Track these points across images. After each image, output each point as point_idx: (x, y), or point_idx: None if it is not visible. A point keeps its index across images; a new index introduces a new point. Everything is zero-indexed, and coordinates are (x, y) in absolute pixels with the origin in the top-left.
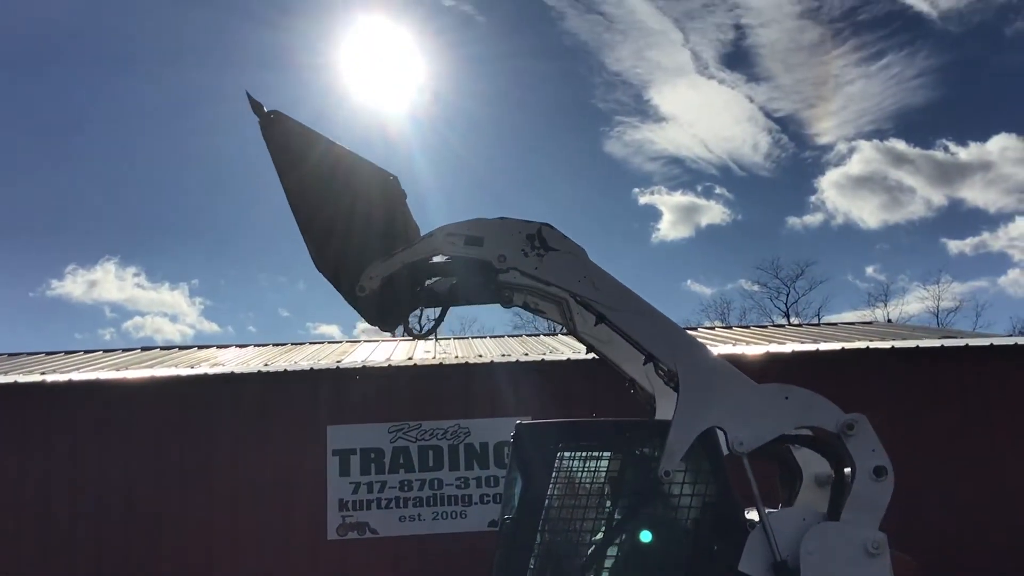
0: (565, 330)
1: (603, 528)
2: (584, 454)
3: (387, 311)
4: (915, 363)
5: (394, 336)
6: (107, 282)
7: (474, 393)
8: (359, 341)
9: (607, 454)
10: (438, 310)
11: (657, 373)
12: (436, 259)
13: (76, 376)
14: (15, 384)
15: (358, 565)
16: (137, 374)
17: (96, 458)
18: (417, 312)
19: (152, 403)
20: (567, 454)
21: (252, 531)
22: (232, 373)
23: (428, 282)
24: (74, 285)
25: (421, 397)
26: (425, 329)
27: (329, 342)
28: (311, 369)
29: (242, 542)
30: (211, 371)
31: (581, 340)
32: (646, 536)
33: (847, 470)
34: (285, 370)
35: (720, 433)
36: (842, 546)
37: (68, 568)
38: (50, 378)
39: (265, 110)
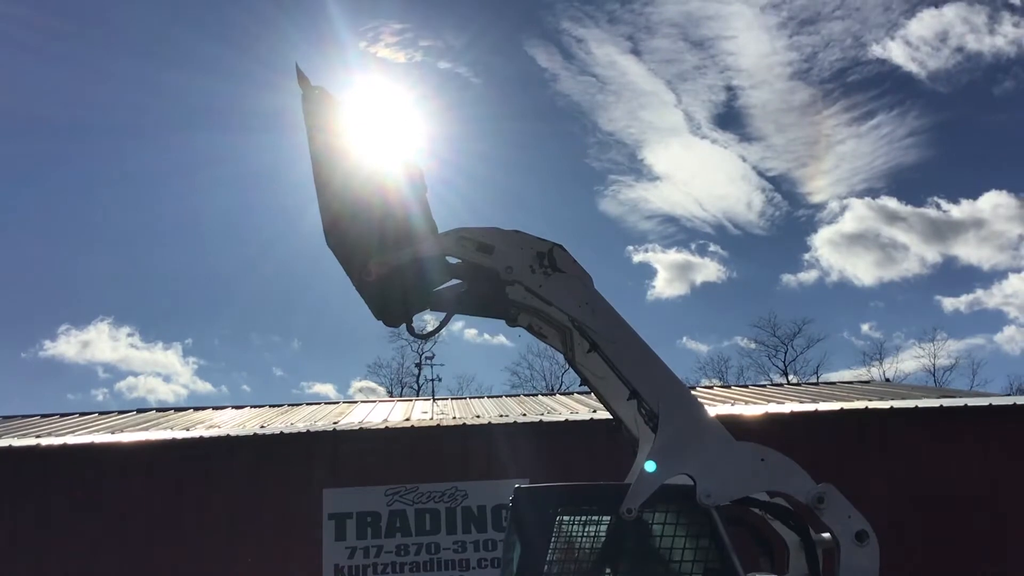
0: (566, 362)
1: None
2: (583, 518)
3: (393, 306)
4: (915, 423)
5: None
6: (100, 342)
7: (472, 455)
8: (356, 402)
9: (607, 518)
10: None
11: (640, 411)
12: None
13: (72, 440)
14: (10, 448)
15: None
16: (133, 437)
17: (90, 522)
18: (419, 317)
19: (147, 466)
20: (566, 518)
21: None
22: (228, 436)
23: (437, 288)
24: (67, 346)
25: (418, 459)
26: (427, 331)
27: (325, 403)
28: (307, 431)
29: None
30: (207, 434)
31: (577, 371)
32: None
33: (824, 534)
34: (281, 432)
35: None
36: None
37: None
38: (45, 441)
39: (312, 85)
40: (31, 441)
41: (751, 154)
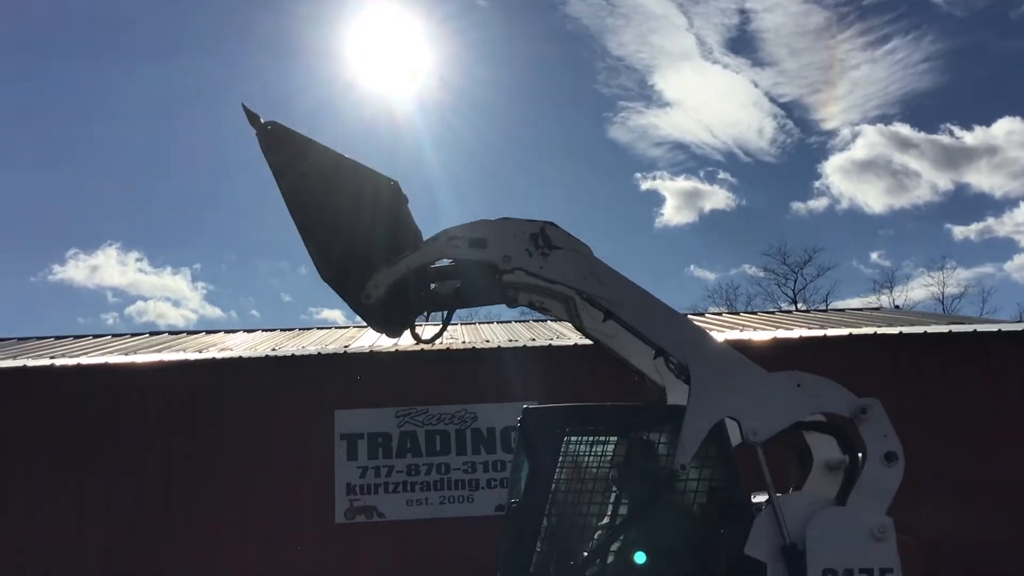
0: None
1: (609, 513)
2: (591, 439)
3: (393, 317)
4: (923, 349)
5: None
6: (109, 267)
7: (481, 378)
8: (366, 326)
9: (614, 439)
10: (442, 314)
11: (668, 367)
12: (441, 262)
13: (85, 360)
14: (24, 368)
15: (366, 548)
16: (146, 358)
17: (106, 442)
18: (422, 317)
19: (161, 387)
20: (574, 439)
21: (260, 514)
22: (240, 358)
23: (432, 286)
24: (76, 270)
25: (428, 382)
26: (432, 334)
27: (336, 327)
28: (319, 354)
29: (250, 525)
30: (220, 355)
31: (588, 336)
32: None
33: (860, 455)
34: (293, 355)
35: (733, 423)
36: (848, 530)
37: (76, 549)
38: (59, 362)
39: (262, 121)
40: (45, 362)
41: (763, 80)
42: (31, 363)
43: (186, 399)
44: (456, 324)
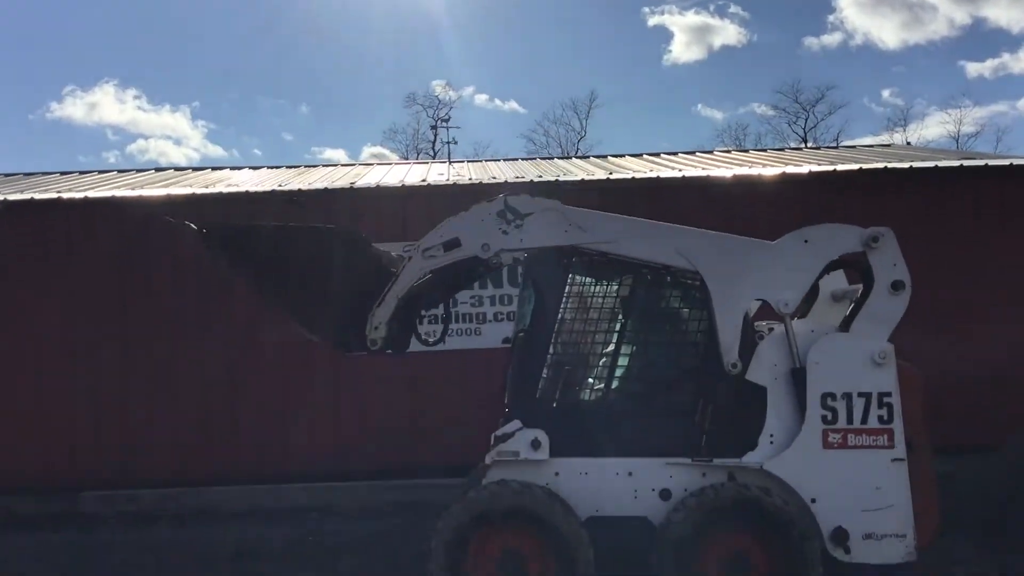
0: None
1: (614, 341)
2: (595, 276)
3: (398, 338)
4: (935, 184)
5: (405, 178)
6: (107, 104)
7: None
8: (371, 164)
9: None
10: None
11: (682, 281)
12: None
13: (92, 194)
14: (31, 201)
15: (375, 380)
16: (154, 192)
17: (116, 276)
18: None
19: (170, 222)
20: (579, 275)
21: (272, 350)
22: (248, 192)
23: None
24: (74, 107)
25: (435, 218)
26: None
27: (342, 164)
28: (325, 189)
29: (262, 361)
30: (227, 190)
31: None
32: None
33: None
34: (300, 189)
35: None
36: (849, 355)
37: (92, 388)
38: (66, 195)
39: (196, 227)
40: (52, 195)
41: None
42: (38, 196)
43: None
44: (463, 161)
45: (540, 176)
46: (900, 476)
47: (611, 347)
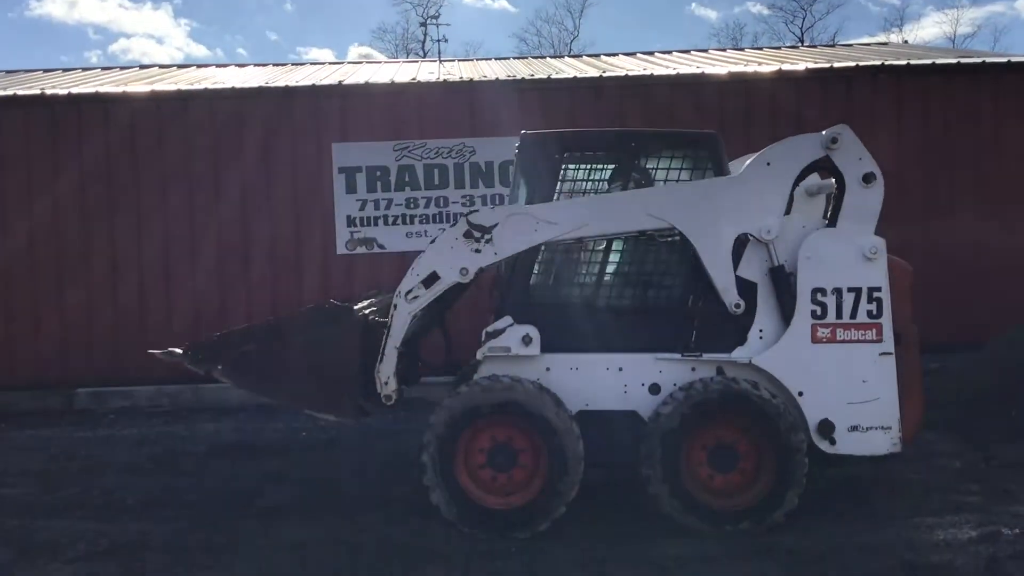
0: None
1: (605, 241)
2: (588, 165)
3: (407, 372)
4: (930, 80)
5: (395, 76)
6: (87, 2)
7: (479, 112)
8: (360, 62)
9: (612, 166)
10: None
11: (664, 239)
12: None
13: (76, 90)
14: (14, 97)
15: (366, 278)
16: (141, 88)
17: (103, 173)
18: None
19: (157, 119)
20: (571, 165)
21: (263, 245)
22: (234, 88)
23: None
24: (54, 5)
25: (425, 116)
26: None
27: (330, 63)
28: (313, 86)
29: (254, 253)
30: (213, 86)
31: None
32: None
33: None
34: (287, 86)
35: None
36: (839, 250)
37: (85, 282)
38: (49, 91)
39: (177, 352)
40: (36, 91)
41: None
42: (21, 92)
43: (181, 130)
44: (453, 60)
45: (532, 74)
46: (887, 370)
47: (603, 243)
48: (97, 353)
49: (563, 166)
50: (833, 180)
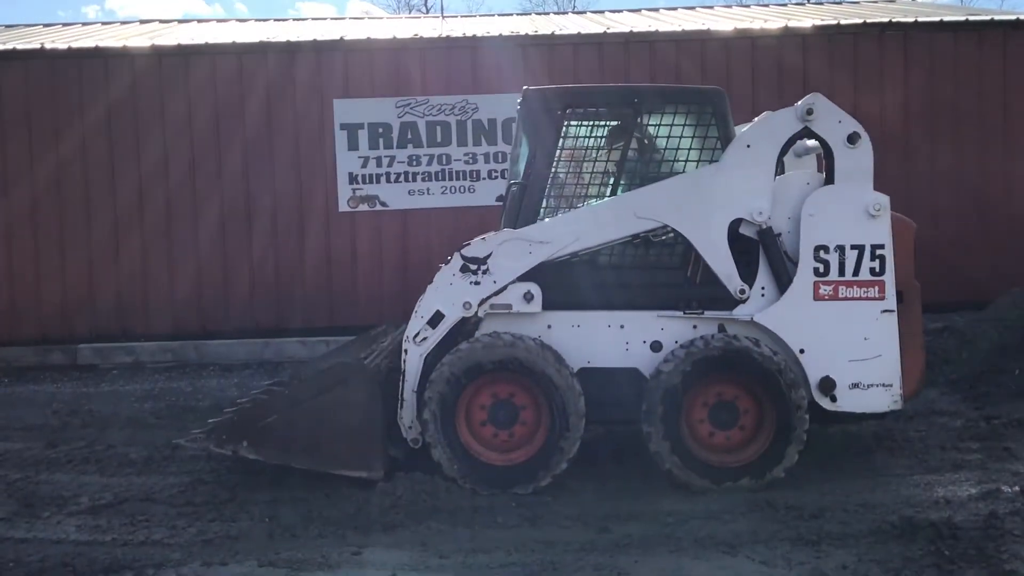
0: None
1: (608, 193)
2: (592, 121)
3: None
4: (937, 39)
5: (397, 32)
6: None
7: (482, 69)
8: (362, 18)
9: (615, 122)
10: None
11: (659, 239)
12: None
13: (77, 44)
14: (14, 51)
15: (369, 235)
16: (141, 43)
17: (104, 129)
18: None
19: (156, 74)
20: (574, 122)
21: (265, 202)
22: (235, 43)
23: None
24: None
25: (427, 72)
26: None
27: (332, 19)
28: (314, 40)
29: (256, 210)
30: (214, 40)
31: None
32: None
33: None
34: (288, 41)
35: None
36: (843, 208)
37: (87, 240)
38: (49, 45)
39: (202, 436)
40: (36, 45)
41: None
42: (21, 46)
43: (183, 86)
44: (456, 17)
45: (536, 30)
46: (889, 327)
47: (606, 200)
48: (100, 311)
49: (565, 122)
50: (816, 142)
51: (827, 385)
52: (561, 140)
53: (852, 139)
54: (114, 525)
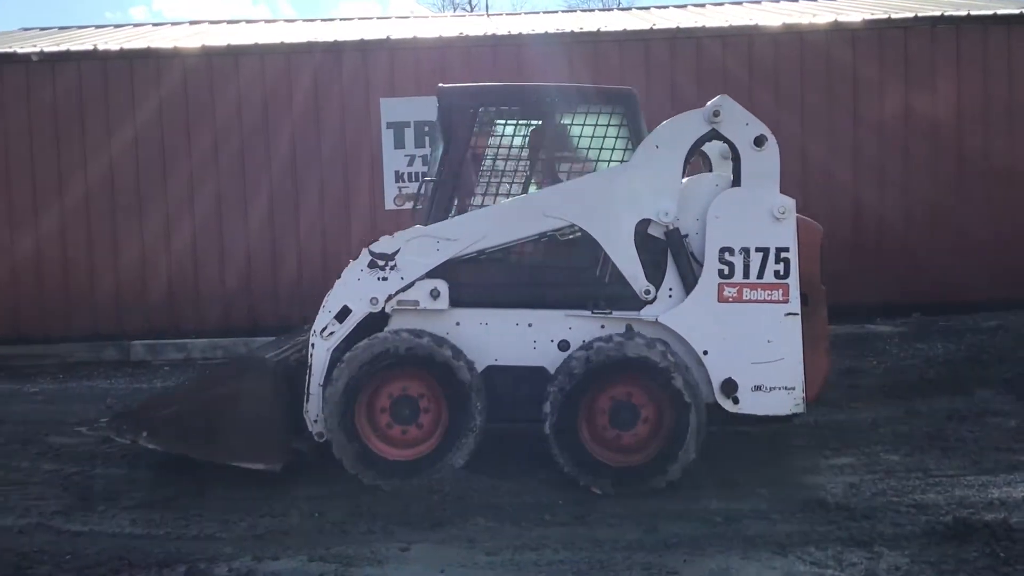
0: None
1: (520, 191)
2: (506, 121)
3: None
4: (990, 32)
5: (443, 31)
6: None
7: (527, 67)
8: (407, 17)
9: (535, 121)
10: None
11: (567, 237)
12: None
13: (129, 46)
14: (68, 52)
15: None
16: (191, 43)
17: (156, 127)
18: None
19: (206, 73)
20: (498, 121)
21: (313, 200)
22: (283, 43)
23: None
24: None
25: (473, 70)
26: None
27: (378, 18)
28: (361, 40)
29: (304, 209)
30: (263, 40)
31: None
32: None
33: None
34: (335, 40)
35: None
36: (748, 210)
37: (139, 236)
38: (102, 47)
39: (102, 424)
40: (89, 47)
41: None
42: (74, 47)
43: (234, 83)
44: (501, 15)
45: (581, 27)
46: (792, 330)
47: (515, 198)
48: (153, 307)
49: (477, 120)
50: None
51: (729, 387)
52: (474, 139)
53: (759, 142)
54: (167, 519)
